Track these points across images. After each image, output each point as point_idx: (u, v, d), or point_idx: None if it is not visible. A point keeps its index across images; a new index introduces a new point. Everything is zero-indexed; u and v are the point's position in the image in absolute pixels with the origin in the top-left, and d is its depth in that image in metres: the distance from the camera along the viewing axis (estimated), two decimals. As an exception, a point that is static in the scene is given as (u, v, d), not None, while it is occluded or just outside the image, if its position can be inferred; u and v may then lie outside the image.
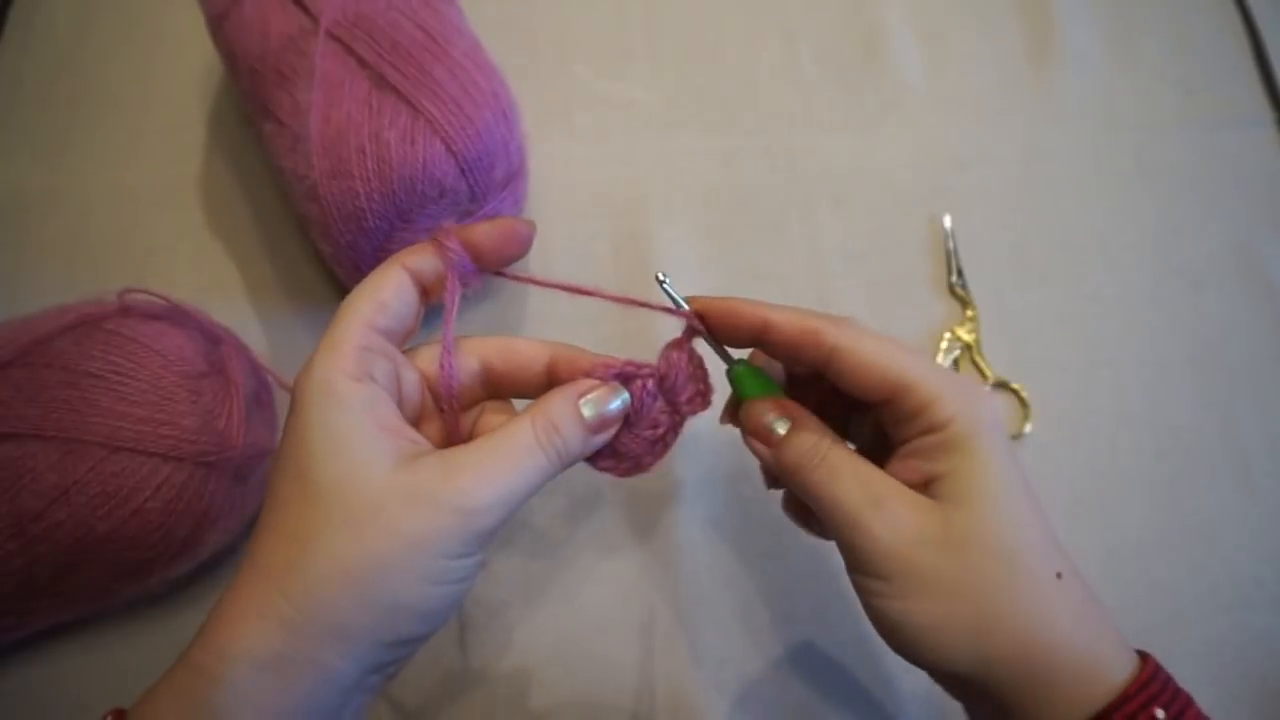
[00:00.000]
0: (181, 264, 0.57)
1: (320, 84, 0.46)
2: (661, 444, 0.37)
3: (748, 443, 0.37)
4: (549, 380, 0.37)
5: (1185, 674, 0.48)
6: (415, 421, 0.35)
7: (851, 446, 0.37)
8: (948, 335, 0.56)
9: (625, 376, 0.36)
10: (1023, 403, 0.54)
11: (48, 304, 0.46)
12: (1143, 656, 0.33)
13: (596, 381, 0.35)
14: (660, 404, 0.37)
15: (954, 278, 0.57)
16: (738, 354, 0.38)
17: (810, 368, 0.36)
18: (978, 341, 0.56)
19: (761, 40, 0.65)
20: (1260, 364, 0.56)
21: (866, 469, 0.34)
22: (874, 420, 0.37)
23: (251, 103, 0.52)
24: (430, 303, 0.36)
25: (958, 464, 0.33)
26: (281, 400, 0.52)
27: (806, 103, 0.63)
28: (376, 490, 0.30)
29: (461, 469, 0.31)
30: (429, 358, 0.36)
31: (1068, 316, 0.57)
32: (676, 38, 0.65)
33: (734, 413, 0.39)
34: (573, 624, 0.49)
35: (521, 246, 0.37)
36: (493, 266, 0.36)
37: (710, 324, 0.37)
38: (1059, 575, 0.32)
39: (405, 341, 0.36)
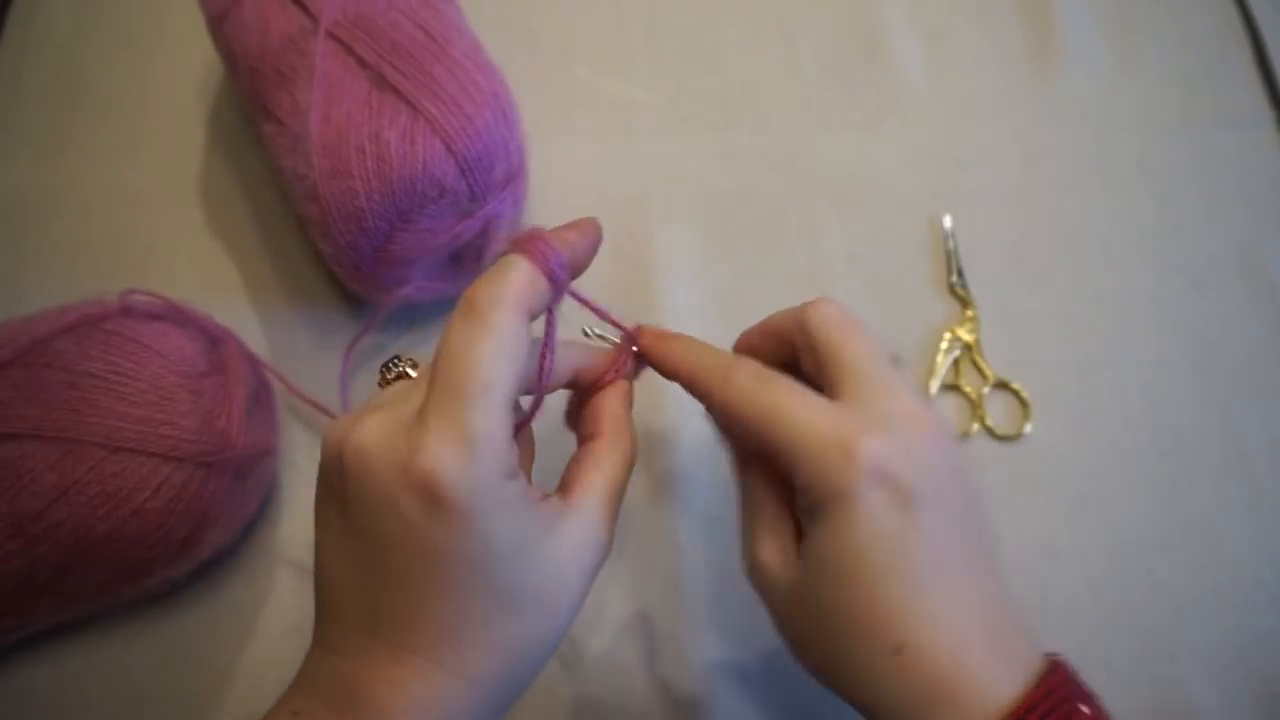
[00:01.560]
0: (181, 264, 0.57)
1: (320, 84, 0.46)
2: None
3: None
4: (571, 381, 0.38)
5: (1186, 674, 0.48)
6: None
7: None
8: (948, 335, 0.56)
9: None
10: (1023, 403, 0.54)
11: (48, 304, 0.46)
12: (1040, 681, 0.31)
13: (613, 376, 0.38)
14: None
15: (954, 278, 0.57)
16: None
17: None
18: (978, 341, 0.56)
19: (761, 40, 0.65)
20: (1262, 364, 0.56)
21: (763, 501, 0.36)
22: None
23: (251, 103, 0.52)
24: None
25: (813, 532, 0.32)
26: (282, 400, 0.52)
27: (806, 103, 0.63)
28: (560, 579, 0.32)
29: (595, 527, 0.34)
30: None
31: (1068, 316, 0.57)
32: (676, 38, 0.65)
33: None
34: (572, 624, 0.49)
35: (597, 248, 0.36)
36: (578, 274, 0.35)
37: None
38: (897, 650, 0.31)
39: None
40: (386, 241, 0.48)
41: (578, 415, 0.39)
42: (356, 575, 0.31)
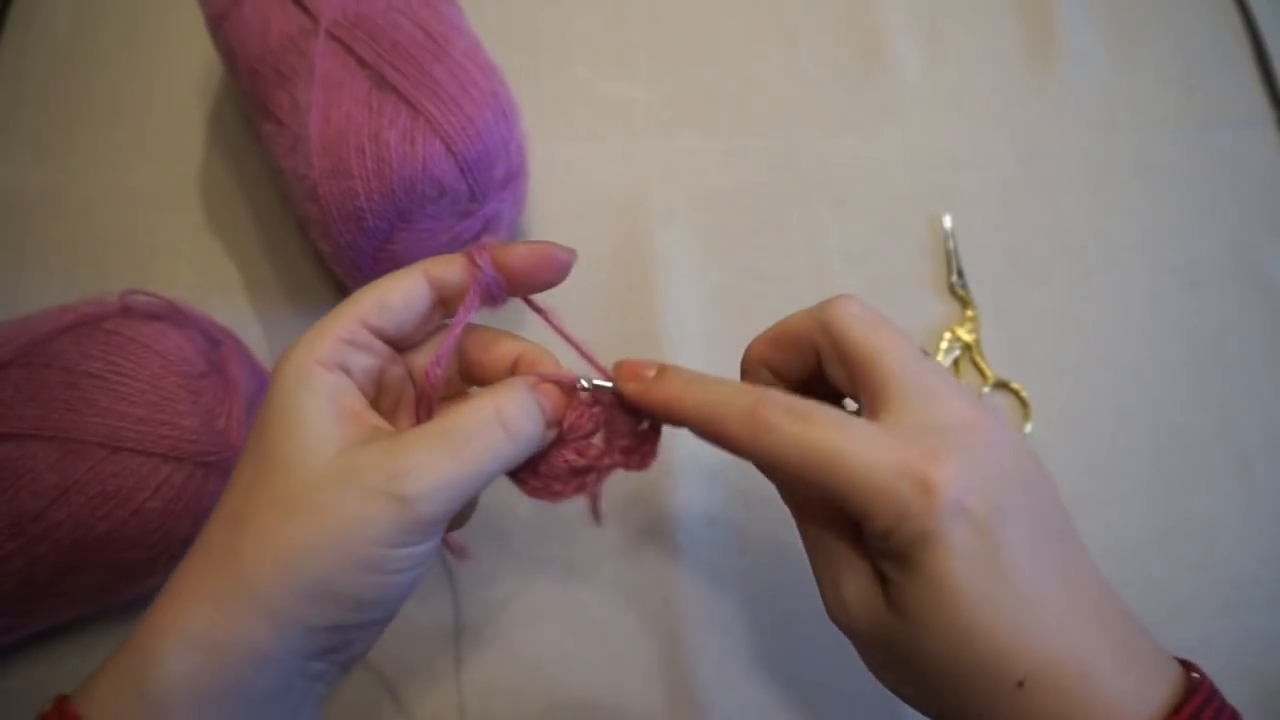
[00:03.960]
0: (181, 264, 0.57)
1: (320, 84, 0.46)
2: (578, 480, 0.35)
3: None
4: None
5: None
6: (391, 412, 0.35)
7: None
8: (948, 335, 0.56)
9: (573, 392, 0.35)
10: (1023, 403, 0.55)
11: (48, 304, 0.46)
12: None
13: (551, 377, 0.34)
14: (598, 438, 0.35)
15: (954, 278, 0.57)
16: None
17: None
18: (978, 341, 0.56)
19: (761, 40, 0.65)
20: (1259, 364, 0.56)
21: (831, 545, 0.32)
22: None
23: (251, 103, 0.52)
24: (451, 314, 0.35)
25: (900, 577, 0.29)
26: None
27: (806, 103, 0.63)
28: (314, 472, 0.29)
29: (405, 452, 0.29)
30: (421, 356, 0.35)
31: (1067, 316, 0.57)
32: (676, 38, 0.65)
33: None
34: (572, 624, 0.49)
35: (557, 275, 0.35)
36: (523, 291, 0.35)
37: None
38: (1020, 684, 0.28)
39: (409, 345, 0.35)
40: (386, 241, 0.48)
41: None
42: None
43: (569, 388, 0.35)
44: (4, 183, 0.59)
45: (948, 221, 0.59)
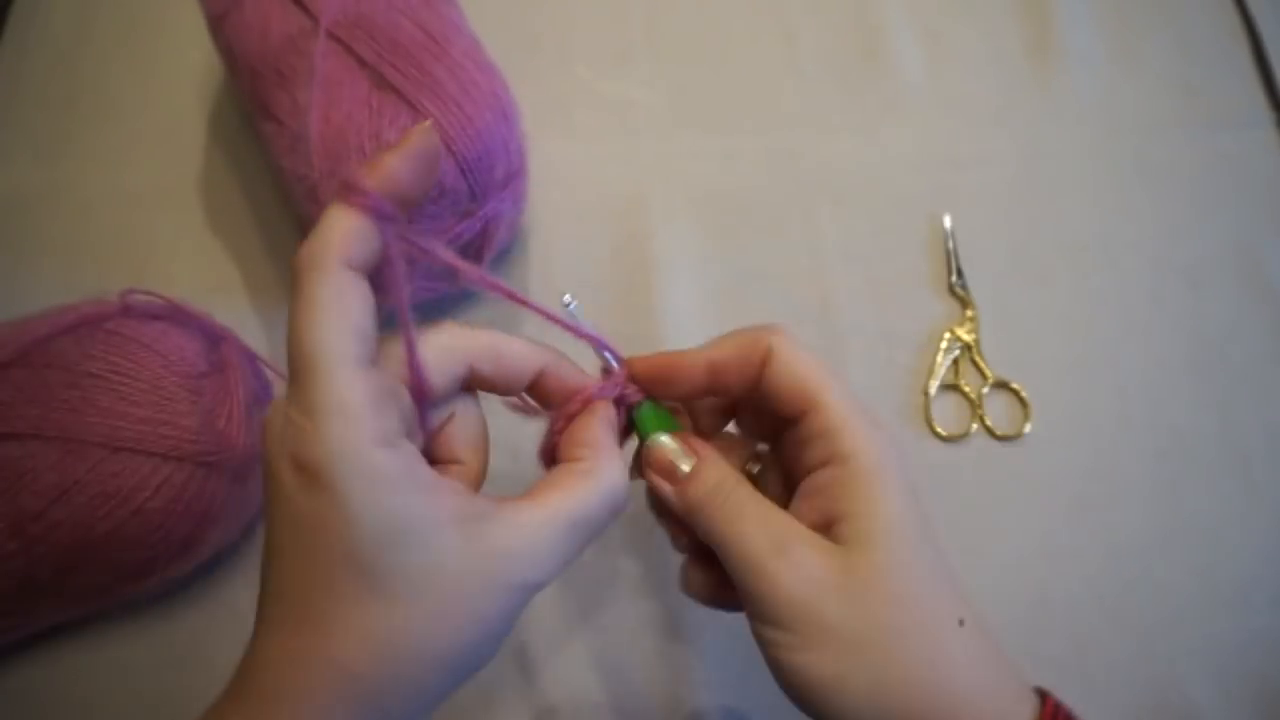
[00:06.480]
0: (181, 264, 0.57)
1: (320, 84, 0.46)
2: None
3: (648, 478, 0.36)
4: (533, 391, 0.36)
5: (1185, 674, 0.48)
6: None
7: None
8: (948, 335, 0.56)
9: (620, 400, 0.36)
10: (1023, 403, 0.54)
11: (48, 304, 0.46)
12: (1042, 697, 0.32)
13: (613, 413, 0.36)
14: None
15: (954, 278, 0.57)
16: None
17: (741, 391, 0.36)
18: (978, 341, 0.56)
19: (761, 40, 0.65)
20: (1260, 364, 0.56)
21: (771, 511, 0.34)
22: (778, 464, 0.37)
23: (251, 103, 0.52)
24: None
25: (859, 505, 0.32)
26: (281, 400, 0.52)
27: (806, 103, 0.63)
28: (448, 574, 0.29)
29: (533, 540, 0.30)
30: (401, 357, 0.32)
31: (1068, 316, 0.57)
32: (676, 38, 0.65)
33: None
34: (572, 624, 0.49)
35: (436, 164, 0.32)
36: (417, 202, 0.32)
37: (650, 385, 0.37)
38: (961, 622, 0.31)
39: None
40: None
41: (553, 447, 0.36)
42: (263, 554, 0.30)
43: (620, 401, 0.37)
44: (3, 182, 0.59)
45: (948, 221, 0.59)
